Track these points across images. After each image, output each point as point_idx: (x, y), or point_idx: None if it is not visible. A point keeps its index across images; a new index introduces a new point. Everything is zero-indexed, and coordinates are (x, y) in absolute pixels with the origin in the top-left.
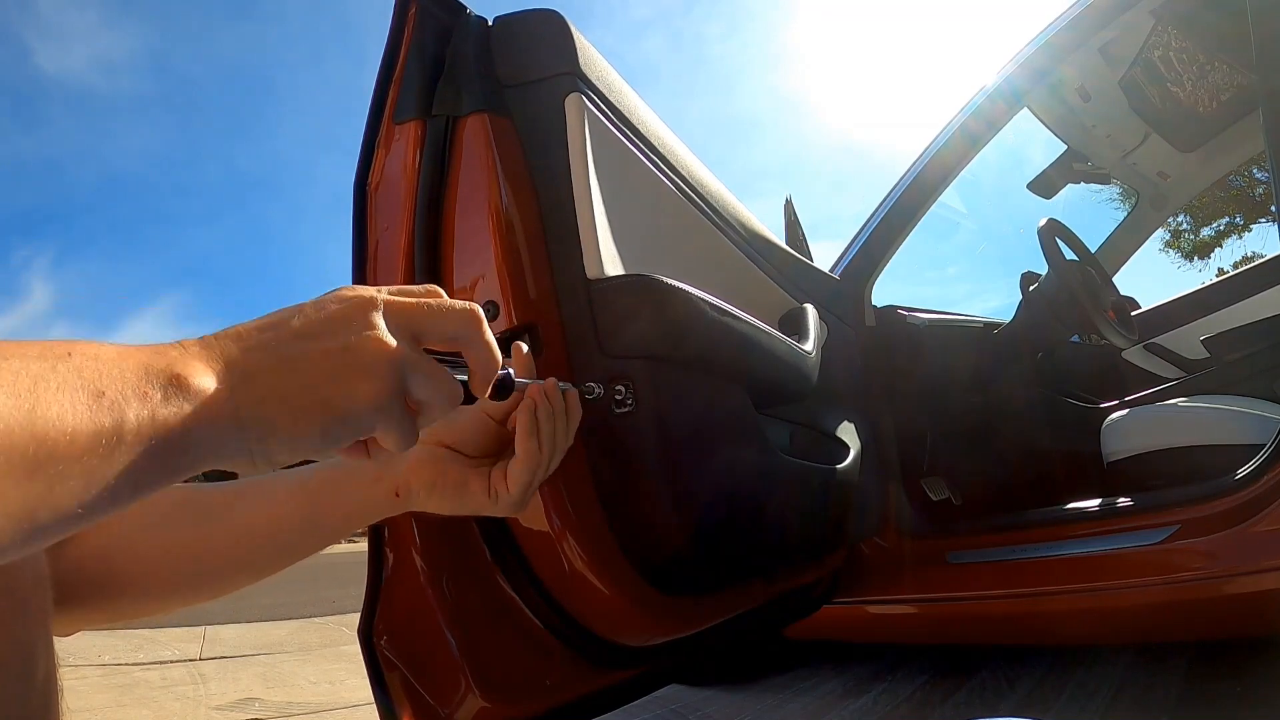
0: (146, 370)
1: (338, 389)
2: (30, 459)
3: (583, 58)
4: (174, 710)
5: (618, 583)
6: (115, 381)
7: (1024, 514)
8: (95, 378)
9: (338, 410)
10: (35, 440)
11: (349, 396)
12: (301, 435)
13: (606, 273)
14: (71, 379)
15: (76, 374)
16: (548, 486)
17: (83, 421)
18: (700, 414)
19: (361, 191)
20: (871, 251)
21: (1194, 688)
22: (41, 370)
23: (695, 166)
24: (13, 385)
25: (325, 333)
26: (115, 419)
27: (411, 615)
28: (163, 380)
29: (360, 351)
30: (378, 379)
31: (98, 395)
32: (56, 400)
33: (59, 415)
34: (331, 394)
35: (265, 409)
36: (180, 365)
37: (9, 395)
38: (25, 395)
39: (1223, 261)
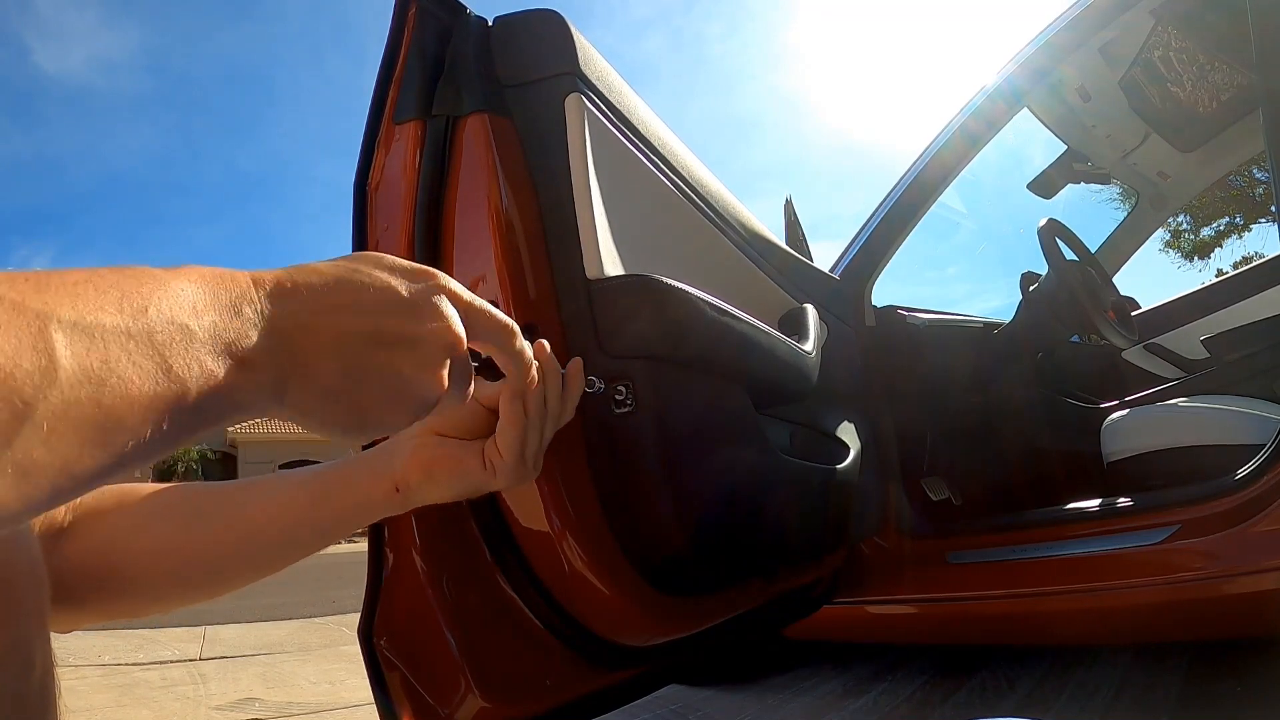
0: (214, 338)
1: (403, 390)
2: (96, 429)
3: (583, 58)
4: (174, 710)
5: (618, 583)
6: (182, 352)
7: (1024, 514)
8: (167, 349)
9: (398, 406)
10: (104, 413)
11: (411, 394)
12: (332, 423)
13: (606, 273)
14: (144, 345)
15: (149, 341)
16: (547, 486)
17: (145, 391)
18: (700, 414)
19: (361, 191)
20: (871, 251)
21: (1194, 688)
22: (116, 330)
23: (695, 166)
24: (87, 354)
25: (403, 333)
26: (177, 390)
27: (411, 615)
28: (227, 356)
29: (432, 345)
30: (441, 368)
31: (166, 370)
32: (125, 373)
33: (125, 390)
34: (394, 395)
35: (309, 396)
36: (246, 341)
37: (83, 367)
38: (98, 366)
39: (1223, 261)
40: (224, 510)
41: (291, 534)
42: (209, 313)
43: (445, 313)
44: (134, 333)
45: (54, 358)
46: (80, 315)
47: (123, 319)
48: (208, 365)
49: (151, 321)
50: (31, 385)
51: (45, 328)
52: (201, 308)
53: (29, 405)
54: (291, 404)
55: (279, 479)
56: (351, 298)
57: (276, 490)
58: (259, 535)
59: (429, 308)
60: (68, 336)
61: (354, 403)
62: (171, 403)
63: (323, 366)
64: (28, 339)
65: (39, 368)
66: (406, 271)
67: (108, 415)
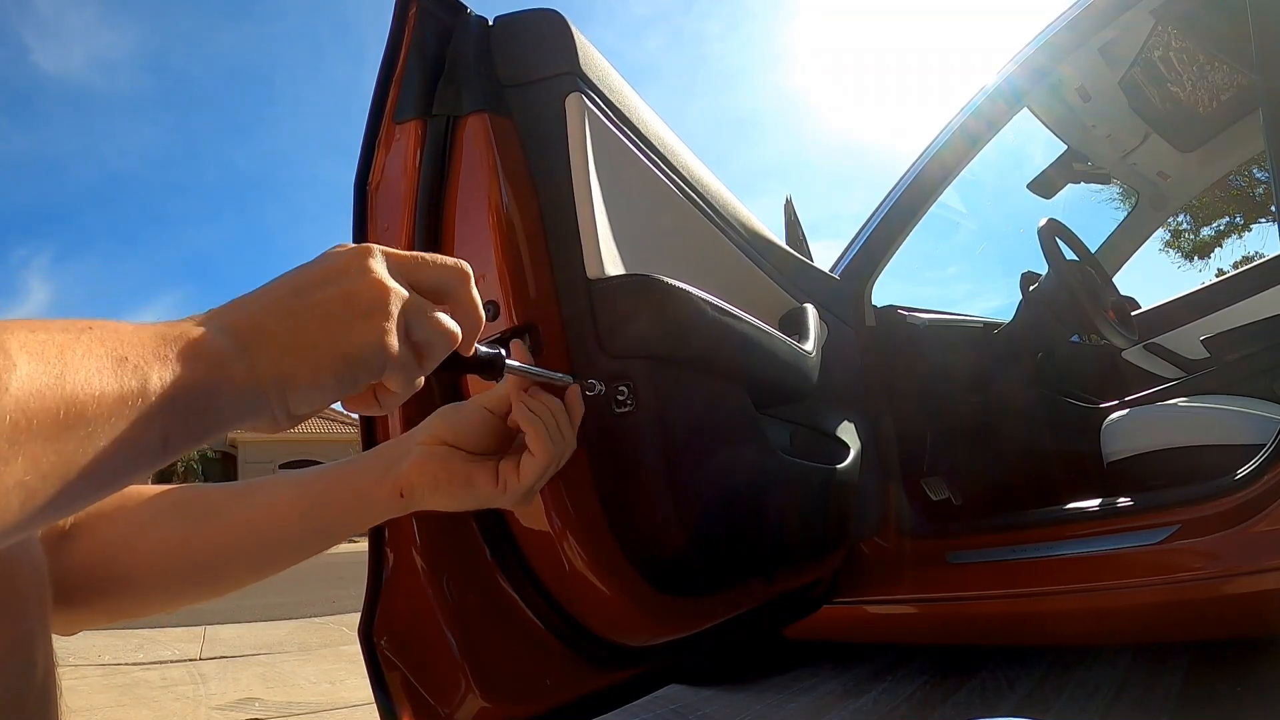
0: (163, 337)
1: (346, 332)
2: (60, 420)
3: (583, 57)
4: (174, 710)
5: (618, 583)
6: (135, 348)
7: (1024, 514)
8: (116, 345)
9: (348, 352)
10: (65, 402)
11: (357, 337)
12: (317, 383)
13: (607, 272)
14: (95, 347)
15: (99, 343)
16: (548, 486)
17: (109, 384)
18: (701, 414)
19: (362, 191)
20: (871, 251)
21: (1194, 688)
22: (66, 340)
23: (696, 166)
24: (41, 354)
25: (327, 281)
26: (139, 381)
27: (412, 615)
28: (179, 345)
29: (363, 293)
30: (382, 317)
31: (120, 360)
32: (83, 366)
33: (86, 379)
34: (340, 338)
35: (280, 362)
36: (194, 331)
37: (39, 362)
38: (54, 362)
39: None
40: (226, 511)
41: (293, 535)
42: (149, 326)
43: (371, 266)
44: (82, 337)
45: (9, 355)
46: (30, 327)
47: (70, 333)
48: (161, 352)
49: (97, 331)
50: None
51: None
52: (144, 325)
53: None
54: (266, 373)
55: (281, 480)
56: (287, 281)
57: (278, 491)
58: (261, 535)
59: (355, 262)
60: (20, 341)
61: (303, 346)
62: (135, 394)
63: (270, 327)
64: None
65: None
66: (337, 253)
67: (69, 404)
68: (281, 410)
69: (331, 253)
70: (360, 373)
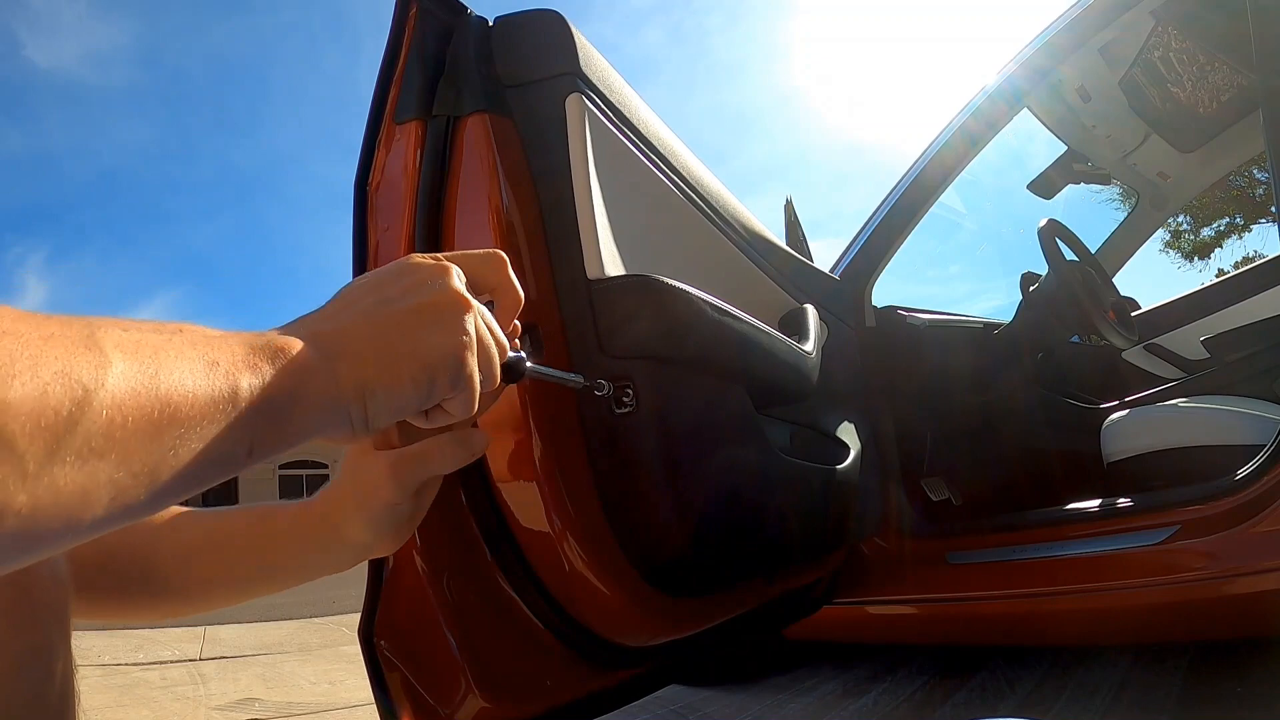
0: (251, 346)
1: (428, 341)
2: (155, 420)
3: (583, 58)
4: (174, 710)
5: (618, 583)
6: (226, 354)
7: (1024, 514)
8: (208, 350)
9: (430, 362)
10: (159, 403)
11: (438, 347)
12: (397, 392)
13: (607, 273)
14: (187, 350)
15: (191, 346)
16: (548, 486)
17: (201, 387)
18: (701, 414)
19: (362, 191)
20: (872, 252)
21: (1194, 688)
22: (159, 341)
23: (696, 166)
24: (136, 353)
25: (409, 293)
26: (230, 385)
27: (412, 615)
28: (268, 353)
29: (445, 305)
30: (461, 329)
31: (212, 364)
32: (176, 367)
33: (180, 381)
34: (423, 347)
35: (360, 370)
36: (281, 340)
37: (134, 361)
38: (148, 362)
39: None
40: (251, 525)
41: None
42: (236, 333)
43: (452, 279)
44: (174, 339)
45: (104, 353)
46: (123, 326)
47: (162, 334)
48: (250, 359)
49: (188, 334)
50: (89, 373)
51: (93, 333)
52: (230, 332)
53: (88, 391)
54: (347, 381)
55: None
56: (368, 290)
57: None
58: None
59: (436, 275)
60: (115, 340)
61: (385, 356)
62: (226, 399)
63: (355, 337)
64: (80, 339)
65: (93, 362)
66: (416, 266)
67: (164, 405)
68: (360, 420)
69: (410, 264)
70: (438, 380)
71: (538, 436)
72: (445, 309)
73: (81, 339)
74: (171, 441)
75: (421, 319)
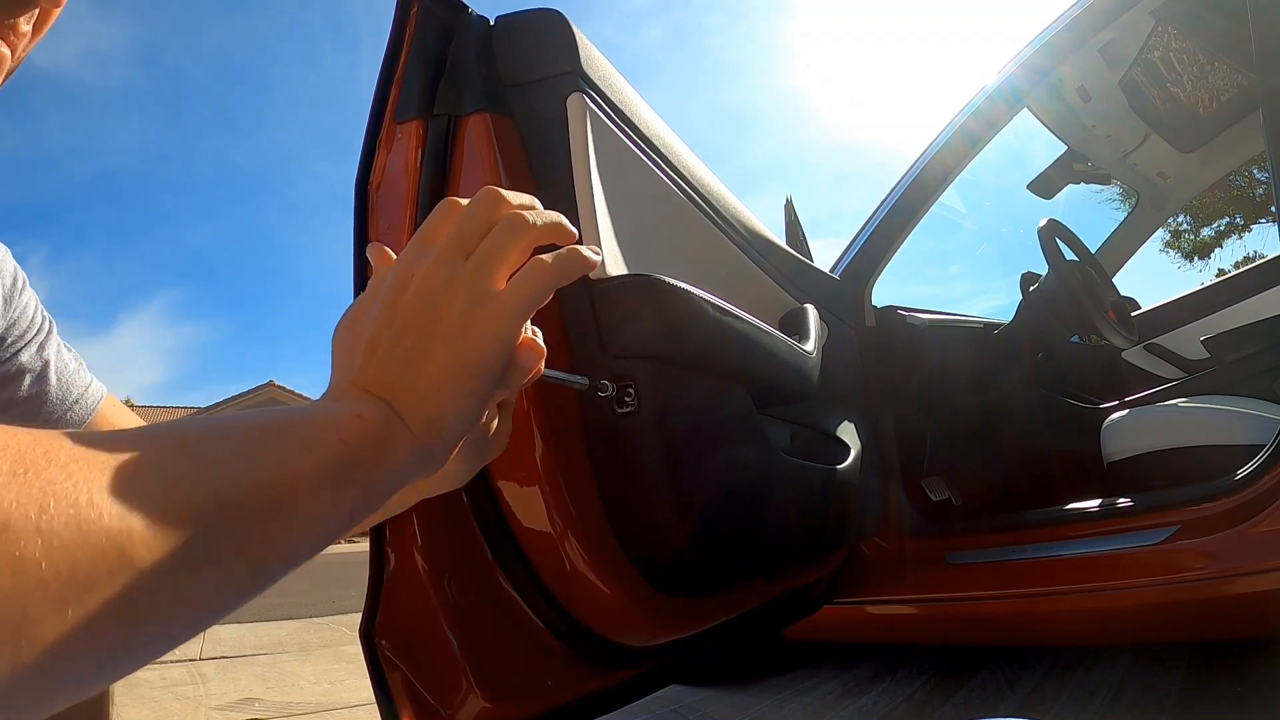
0: (337, 425)
1: (473, 353)
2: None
3: (584, 57)
4: (174, 710)
5: (619, 583)
6: (329, 445)
7: (1024, 514)
8: (307, 435)
9: (479, 370)
10: (268, 487)
11: (477, 351)
12: (460, 410)
13: (608, 272)
14: (280, 439)
15: (288, 436)
16: (549, 486)
17: (302, 472)
18: (702, 414)
19: (363, 191)
20: (871, 252)
21: (1194, 688)
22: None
23: (696, 166)
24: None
25: (438, 310)
26: (340, 475)
27: (413, 615)
28: (344, 428)
29: (479, 318)
30: (511, 331)
31: (326, 465)
32: (278, 451)
33: (283, 465)
34: (464, 357)
35: (424, 406)
36: (345, 412)
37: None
38: (276, 466)
39: (1223, 261)
40: None
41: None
42: (305, 415)
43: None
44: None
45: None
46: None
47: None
48: (333, 445)
49: (303, 432)
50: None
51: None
52: (320, 410)
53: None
54: (417, 423)
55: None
56: (390, 310)
57: None
58: None
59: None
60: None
61: (452, 372)
62: (328, 478)
63: (413, 382)
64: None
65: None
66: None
67: (274, 488)
68: (442, 453)
69: (419, 273)
70: (487, 382)
71: (539, 436)
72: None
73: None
74: (283, 524)
75: (461, 334)
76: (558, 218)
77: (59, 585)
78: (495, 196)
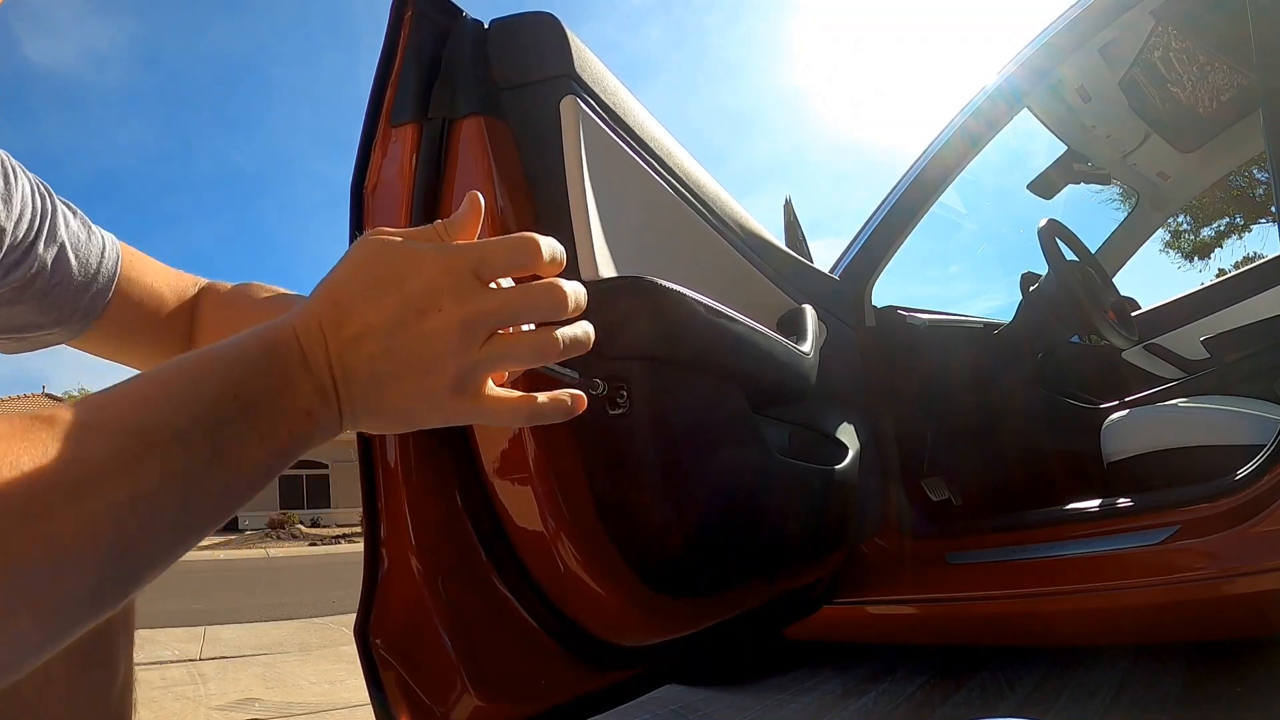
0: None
1: (427, 409)
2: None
3: (578, 60)
4: (174, 710)
5: (613, 583)
6: (272, 421)
7: (1024, 514)
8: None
9: (425, 420)
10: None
11: (436, 413)
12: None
13: (602, 275)
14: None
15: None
16: (542, 487)
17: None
18: (697, 415)
19: (358, 193)
20: (871, 252)
21: (1194, 688)
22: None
23: (692, 167)
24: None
25: (433, 369)
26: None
27: (407, 615)
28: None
29: (458, 401)
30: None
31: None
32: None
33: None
34: (422, 411)
35: (363, 413)
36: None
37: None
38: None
39: (1223, 261)
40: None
41: None
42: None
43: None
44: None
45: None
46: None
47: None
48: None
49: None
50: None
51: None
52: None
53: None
54: (350, 419)
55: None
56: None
57: None
58: None
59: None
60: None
61: (400, 407)
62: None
63: (368, 398)
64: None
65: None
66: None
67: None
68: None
69: (419, 299)
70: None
71: (532, 437)
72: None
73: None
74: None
75: (440, 401)
76: (584, 340)
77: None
78: (559, 299)
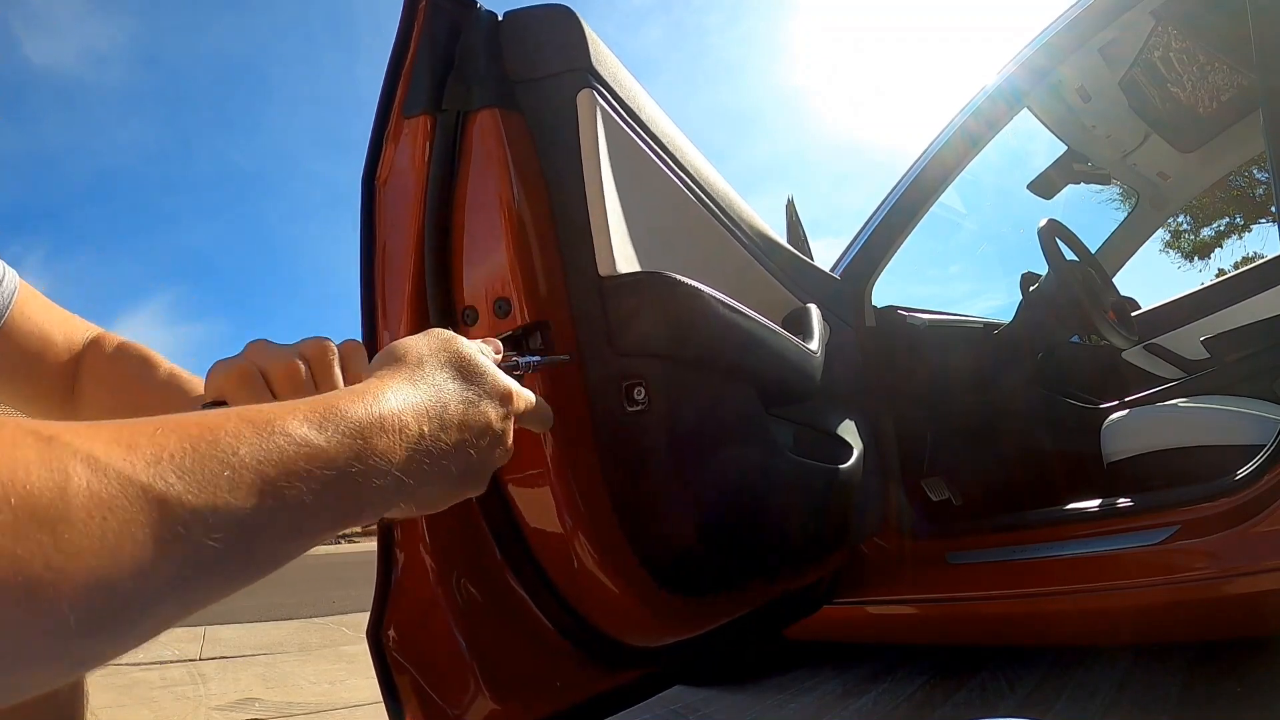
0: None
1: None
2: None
3: (594, 53)
4: (174, 710)
5: (629, 583)
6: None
7: (1024, 514)
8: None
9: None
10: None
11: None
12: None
13: (619, 270)
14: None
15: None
16: (559, 485)
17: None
18: (711, 413)
19: (370, 186)
20: (872, 252)
21: (1194, 688)
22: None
23: (703, 164)
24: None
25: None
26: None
27: (421, 616)
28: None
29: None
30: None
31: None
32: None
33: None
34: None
35: (405, 491)
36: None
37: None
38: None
39: (1223, 261)
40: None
41: None
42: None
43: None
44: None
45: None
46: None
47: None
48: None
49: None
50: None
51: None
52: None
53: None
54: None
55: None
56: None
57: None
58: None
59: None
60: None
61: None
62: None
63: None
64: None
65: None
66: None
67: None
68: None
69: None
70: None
71: (549, 435)
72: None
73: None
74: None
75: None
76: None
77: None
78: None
